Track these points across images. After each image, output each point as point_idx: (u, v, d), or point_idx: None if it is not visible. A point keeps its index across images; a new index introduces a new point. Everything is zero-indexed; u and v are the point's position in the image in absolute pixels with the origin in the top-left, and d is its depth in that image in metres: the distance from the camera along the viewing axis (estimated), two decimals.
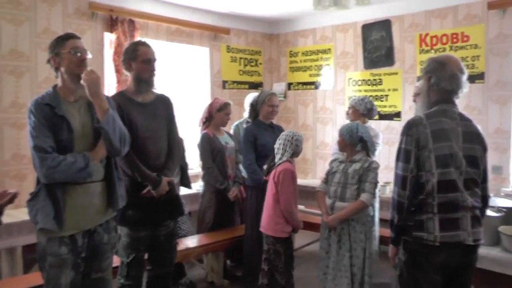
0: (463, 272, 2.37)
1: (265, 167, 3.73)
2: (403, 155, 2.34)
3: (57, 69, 2.49)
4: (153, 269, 3.18)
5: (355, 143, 3.43)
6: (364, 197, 3.31)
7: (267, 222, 3.61)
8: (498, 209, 2.86)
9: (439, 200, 2.26)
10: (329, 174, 3.52)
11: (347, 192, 3.36)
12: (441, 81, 2.37)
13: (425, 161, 2.29)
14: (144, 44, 3.02)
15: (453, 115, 2.36)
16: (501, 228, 2.75)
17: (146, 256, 3.15)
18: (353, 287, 3.30)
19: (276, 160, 3.61)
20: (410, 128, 2.35)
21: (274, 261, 3.56)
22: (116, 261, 3.07)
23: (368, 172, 3.34)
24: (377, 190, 3.43)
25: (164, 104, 3.15)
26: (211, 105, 4.41)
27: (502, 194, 4.10)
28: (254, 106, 4.19)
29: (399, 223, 2.36)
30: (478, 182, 2.35)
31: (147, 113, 3.02)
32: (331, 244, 3.40)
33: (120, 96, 3.02)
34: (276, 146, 3.64)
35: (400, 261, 2.44)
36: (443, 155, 2.27)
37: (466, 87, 2.41)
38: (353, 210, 3.31)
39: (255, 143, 4.05)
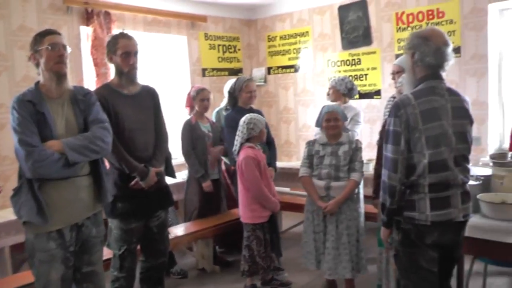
0: (455, 247, 2.40)
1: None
2: (392, 137, 2.29)
3: (37, 65, 2.49)
4: (147, 260, 3.21)
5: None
6: (355, 176, 3.41)
7: (242, 210, 3.67)
8: (477, 178, 2.94)
9: (430, 180, 2.24)
10: (315, 158, 3.56)
11: (340, 173, 3.45)
12: (425, 56, 2.29)
13: (416, 142, 2.24)
14: (124, 36, 3.00)
15: (441, 92, 2.30)
16: (480, 196, 2.82)
17: (138, 247, 3.17)
18: (353, 265, 3.40)
19: (234, 147, 3.65)
20: (398, 110, 2.27)
21: (256, 247, 3.62)
22: (108, 253, 3.11)
23: (357, 152, 3.46)
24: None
25: (150, 95, 3.15)
26: (188, 95, 4.42)
27: (480, 163, 4.21)
28: (232, 94, 4.21)
29: (392, 206, 2.32)
30: (467, 158, 2.34)
31: (134, 105, 3.02)
32: (327, 225, 3.46)
33: (105, 89, 3.01)
34: (237, 133, 3.69)
35: (395, 241, 2.42)
36: (434, 136, 2.23)
37: (451, 59, 2.35)
38: (349, 191, 3.41)
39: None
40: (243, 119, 3.67)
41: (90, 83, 4.61)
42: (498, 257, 2.95)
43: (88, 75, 4.68)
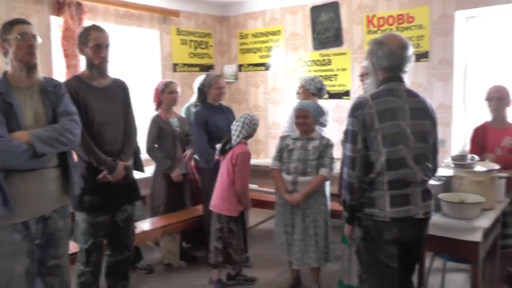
0: (417, 244, 2.47)
1: (218, 146, 3.79)
2: (350, 136, 2.38)
3: (5, 55, 2.45)
4: (113, 254, 3.20)
5: (317, 121, 3.64)
6: (324, 171, 3.51)
7: (220, 202, 3.69)
8: (439, 178, 3.05)
9: (389, 177, 2.30)
10: (285, 152, 3.63)
11: (308, 167, 3.52)
12: (380, 60, 2.39)
13: (372, 140, 2.32)
14: (96, 28, 2.97)
15: (400, 93, 2.38)
16: (441, 195, 2.93)
17: (104, 241, 3.16)
18: (319, 255, 3.50)
19: (232, 141, 3.69)
20: (356, 110, 2.37)
21: (228, 239, 3.66)
22: (74, 247, 3.08)
23: (327, 148, 3.55)
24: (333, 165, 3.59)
25: (120, 89, 3.13)
26: (156, 90, 4.41)
27: (443, 164, 4.34)
28: (202, 90, 4.21)
29: (352, 203, 2.41)
30: (428, 157, 2.41)
31: (104, 98, 3.00)
32: (295, 217, 3.55)
33: (76, 81, 2.98)
34: (233, 127, 3.71)
35: (357, 237, 2.49)
36: (390, 134, 2.30)
37: (411, 61, 2.42)
38: (316, 185, 3.49)
39: (207, 126, 4.08)
40: (246, 117, 3.71)
41: (60, 74, 4.54)
42: (457, 254, 3.06)
43: (58, 66, 4.61)
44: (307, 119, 3.58)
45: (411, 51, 2.43)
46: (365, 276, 2.48)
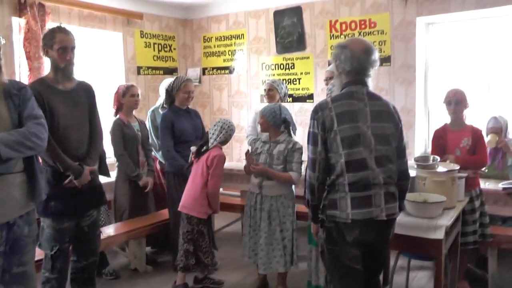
0: (380, 245, 2.51)
1: (193, 148, 3.78)
2: (311, 138, 2.44)
3: None
4: (78, 260, 3.14)
5: (278, 124, 3.57)
6: (292, 175, 3.49)
7: (190, 203, 3.68)
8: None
9: (350, 179, 2.33)
10: (253, 155, 3.64)
11: None
12: (342, 63, 2.45)
13: (332, 143, 2.36)
14: (62, 31, 2.92)
15: (361, 96, 2.41)
16: None
17: (70, 247, 3.10)
18: (286, 259, 3.51)
19: (209, 143, 3.70)
20: (316, 112, 2.43)
21: (198, 241, 3.66)
22: (39, 254, 3.01)
23: (294, 153, 3.52)
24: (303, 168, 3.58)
25: (85, 92, 3.09)
26: (116, 93, 4.36)
27: None
28: (170, 92, 4.16)
29: (313, 203, 2.48)
30: (391, 159, 2.41)
31: (69, 101, 2.95)
32: (258, 221, 3.56)
33: (40, 84, 2.93)
34: (211, 130, 3.73)
35: (321, 239, 2.54)
36: (349, 136, 2.33)
37: (375, 65, 2.47)
38: (280, 177, 3.49)
39: (173, 129, 4.05)
40: (225, 122, 3.74)
41: (23, 77, 4.43)
42: (421, 252, 3.16)
43: (20, 68, 4.48)
44: (261, 120, 3.61)
45: (375, 55, 2.48)
46: (330, 277, 2.54)
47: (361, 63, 2.43)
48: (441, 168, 3.25)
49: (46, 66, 4.46)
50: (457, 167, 3.26)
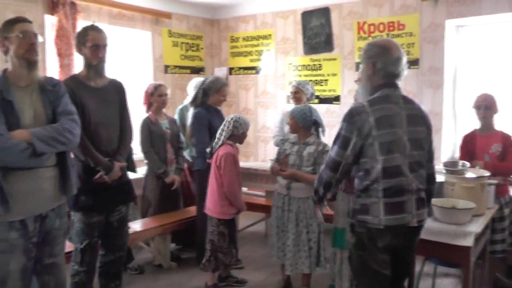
0: (408, 250, 2.48)
1: (208, 150, 3.79)
2: (341, 141, 2.34)
3: (6, 53, 2.44)
4: (106, 254, 3.19)
5: (309, 125, 3.55)
6: None
7: (212, 205, 3.69)
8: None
9: (384, 185, 2.27)
10: (282, 156, 3.63)
11: None
12: (387, 66, 2.34)
13: (368, 148, 2.28)
14: (94, 29, 2.97)
15: (396, 100, 2.35)
16: (433, 201, 2.93)
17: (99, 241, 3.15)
18: (311, 260, 3.51)
19: (214, 143, 3.68)
20: (352, 117, 2.31)
21: (218, 242, 3.66)
22: (69, 246, 3.07)
23: (323, 155, 3.47)
24: None
25: (116, 90, 3.13)
26: (145, 92, 4.43)
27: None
28: (207, 91, 4.17)
29: (321, 195, 2.53)
30: (423, 164, 2.38)
31: (100, 98, 3.00)
32: (286, 223, 3.56)
33: (73, 80, 2.98)
34: (219, 130, 3.72)
35: (349, 244, 2.49)
36: (387, 142, 2.27)
37: (405, 68, 2.42)
38: (309, 179, 3.42)
39: (210, 127, 4.06)
40: (232, 117, 3.68)
41: (54, 73, 4.52)
42: (448, 259, 3.12)
43: (51, 65, 4.57)
44: (290, 121, 3.60)
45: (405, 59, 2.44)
46: (356, 282, 2.47)
47: (398, 66, 2.37)
48: (470, 174, 3.20)
49: (76, 64, 4.54)
50: (487, 173, 3.21)
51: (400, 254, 2.44)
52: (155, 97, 4.33)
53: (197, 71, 6.63)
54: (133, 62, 5.85)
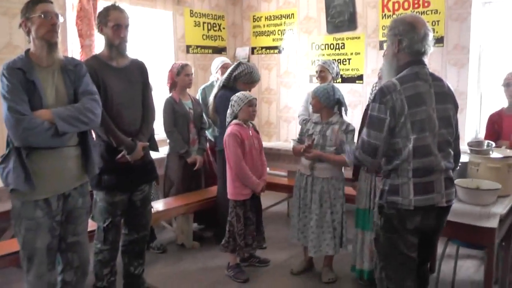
0: (435, 232, 2.45)
1: None
2: (376, 123, 2.27)
3: (28, 33, 2.46)
4: (129, 233, 3.24)
5: (332, 105, 3.51)
6: (346, 156, 3.39)
7: (228, 187, 3.70)
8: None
9: (414, 165, 2.23)
10: (305, 136, 3.60)
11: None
12: (414, 43, 2.28)
13: (401, 128, 2.23)
14: (116, 8, 2.96)
15: (425, 77, 2.30)
16: (457, 181, 2.91)
17: (122, 220, 3.19)
18: (335, 241, 3.50)
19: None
20: (384, 96, 2.23)
21: (234, 223, 3.66)
22: (92, 225, 3.13)
23: (347, 134, 3.45)
24: None
25: (139, 70, 3.13)
26: (170, 72, 4.41)
27: None
28: (236, 76, 4.12)
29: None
30: (451, 143, 2.34)
31: (122, 79, 3.01)
32: (309, 204, 3.54)
33: (95, 61, 2.99)
34: None
35: (377, 225, 2.44)
36: (419, 120, 2.22)
37: (432, 47, 2.36)
38: (334, 159, 3.43)
39: None
40: (233, 96, 3.69)
41: (75, 54, 4.54)
42: (472, 240, 3.07)
43: (72, 46, 4.60)
44: (313, 101, 3.56)
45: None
46: (383, 265, 2.42)
47: (425, 43, 2.30)
48: (496, 154, 3.13)
49: (97, 44, 4.56)
50: None
51: (426, 237, 2.41)
52: (181, 77, 4.32)
53: (219, 51, 6.59)
54: (154, 42, 5.84)
